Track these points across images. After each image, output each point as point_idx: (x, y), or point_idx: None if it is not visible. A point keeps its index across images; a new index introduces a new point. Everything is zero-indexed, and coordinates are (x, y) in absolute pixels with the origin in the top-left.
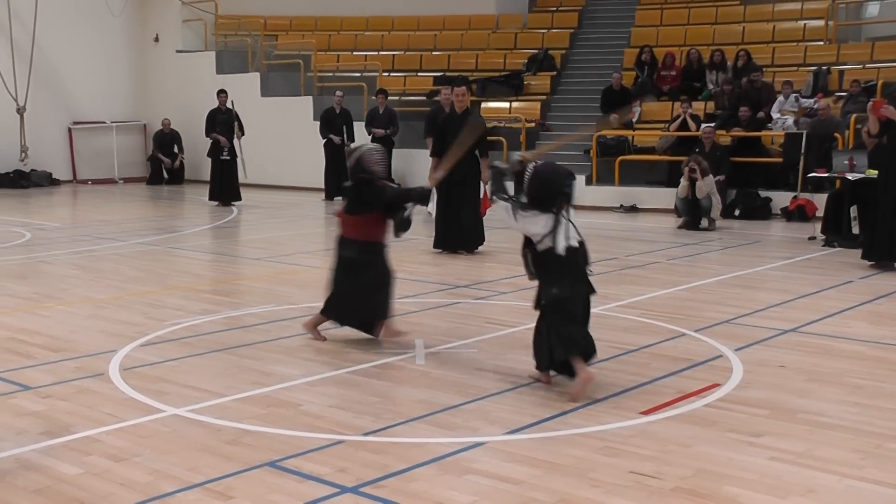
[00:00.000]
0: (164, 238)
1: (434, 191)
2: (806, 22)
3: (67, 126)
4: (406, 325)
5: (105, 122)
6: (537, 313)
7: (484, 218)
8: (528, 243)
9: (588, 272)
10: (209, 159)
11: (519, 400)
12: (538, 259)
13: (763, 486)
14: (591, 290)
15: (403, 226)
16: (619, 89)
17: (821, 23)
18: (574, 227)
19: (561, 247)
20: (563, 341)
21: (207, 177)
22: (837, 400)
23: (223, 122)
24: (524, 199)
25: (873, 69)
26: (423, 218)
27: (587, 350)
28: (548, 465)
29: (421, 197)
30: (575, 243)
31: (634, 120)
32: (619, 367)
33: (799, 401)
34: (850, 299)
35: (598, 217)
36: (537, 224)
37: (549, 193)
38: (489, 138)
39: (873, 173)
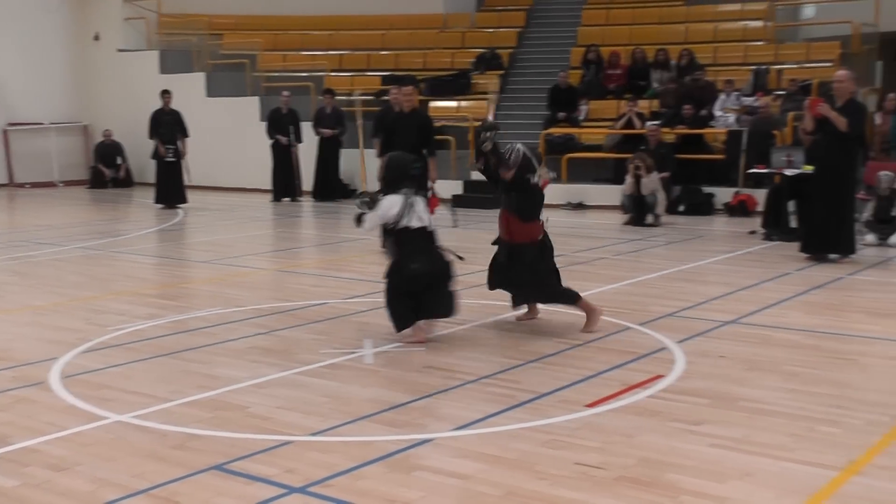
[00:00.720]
0: (108, 242)
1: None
2: (746, 22)
3: (3, 128)
4: (355, 325)
5: (43, 124)
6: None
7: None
8: (386, 230)
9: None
10: (154, 161)
11: (467, 396)
12: (397, 238)
13: (703, 472)
14: (445, 265)
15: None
16: (565, 88)
17: (760, 23)
18: (426, 213)
19: (414, 223)
20: (393, 316)
21: (153, 179)
22: (774, 387)
23: (167, 124)
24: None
25: (809, 69)
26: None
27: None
28: (494, 460)
29: None
30: (425, 224)
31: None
32: (565, 361)
33: (738, 389)
34: (788, 290)
35: (546, 214)
36: (394, 205)
37: (398, 176)
38: (436, 137)
39: (809, 169)
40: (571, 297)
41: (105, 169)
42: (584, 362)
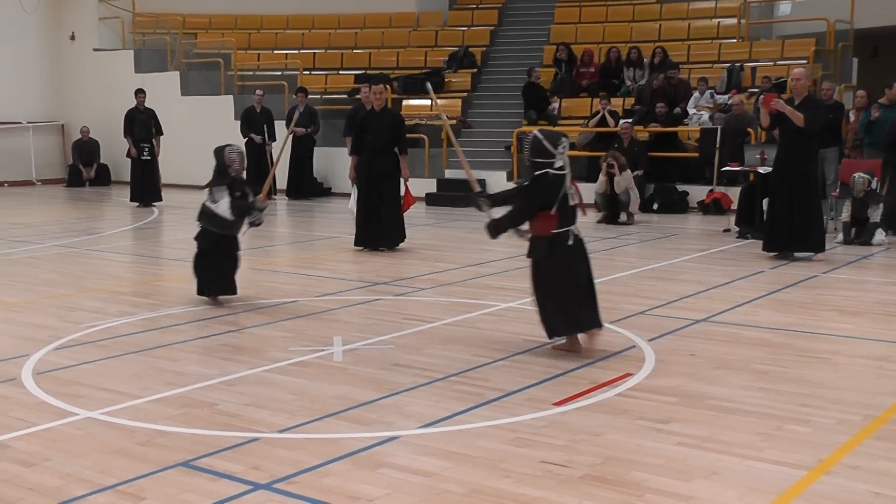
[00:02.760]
0: (83, 240)
1: (354, 188)
2: (720, 20)
3: None
4: (325, 322)
5: (21, 123)
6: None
7: (405, 214)
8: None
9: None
10: (129, 160)
11: (434, 394)
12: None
13: (669, 471)
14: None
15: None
16: (538, 85)
17: (734, 21)
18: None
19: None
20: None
21: (128, 178)
22: (743, 386)
23: (141, 122)
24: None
25: (784, 66)
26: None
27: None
28: (459, 458)
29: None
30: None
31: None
32: (533, 359)
33: (707, 387)
34: (760, 289)
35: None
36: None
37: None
38: (409, 135)
39: None
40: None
41: (83, 168)
42: (552, 360)
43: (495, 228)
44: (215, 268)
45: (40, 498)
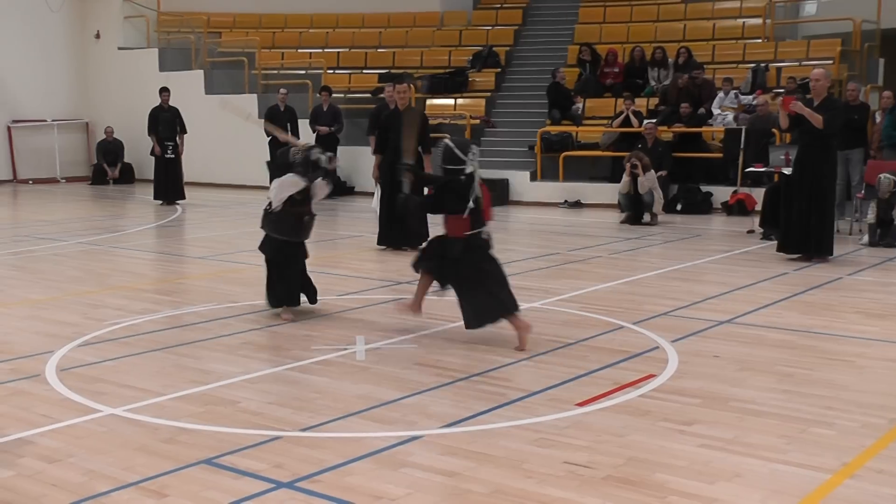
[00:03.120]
0: (107, 238)
1: (378, 188)
2: (745, 20)
3: (6, 124)
4: (348, 321)
5: (46, 121)
6: None
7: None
8: None
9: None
10: (153, 158)
11: (457, 394)
12: None
13: (692, 473)
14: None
15: None
16: (562, 86)
17: (759, 21)
18: None
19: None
20: None
21: (152, 176)
22: (767, 388)
23: (166, 121)
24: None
25: (809, 66)
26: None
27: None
28: (482, 458)
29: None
30: None
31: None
32: (556, 360)
33: (731, 389)
34: (784, 290)
35: (543, 212)
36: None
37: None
38: (432, 134)
39: None
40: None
41: (107, 167)
42: (575, 361)
43: (406, 202)
44: (280, 278)
45: (63, 494)
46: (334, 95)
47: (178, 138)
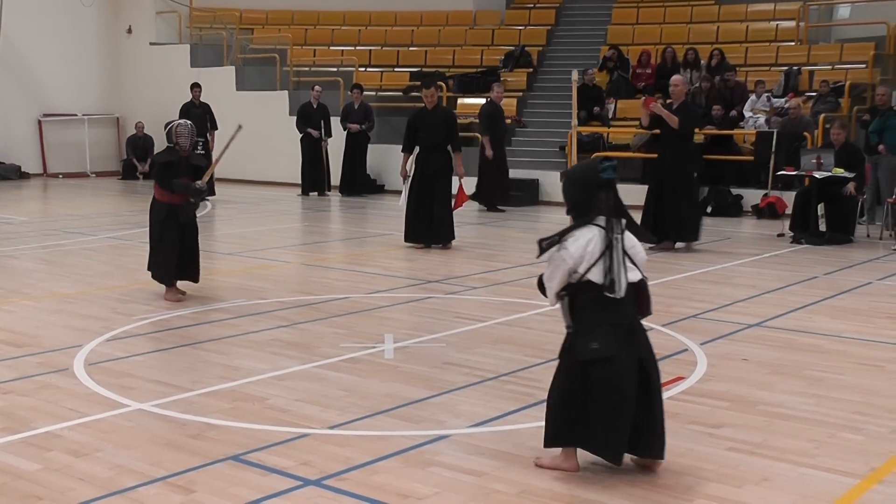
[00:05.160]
0: (136, 233)
1: (406, 185)
2: (778, 23)
3: (37, 118)
4: (376, 320)
5: (76, 115)
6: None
7: (455, 212)
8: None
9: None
10: None
11: (485, 394)
12: (574, 297)
13: (720, 476)
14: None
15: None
16: (592, 86)
17: (792, 24)
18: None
19: (621, 283)
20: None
21: None
22: (796, 392)
23: (196, 117)
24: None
25: (842, 70)
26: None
27: (610, 451)
28: (510, 458)
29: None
30: (634, 277)
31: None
32: None
33: (759, 393)
34: (815, 294)
35: None
36: (577, 244)
37: (585, 194)
38: (462, 134)
39: (840, 172)
40: None
41: (137, 163)
42: None
43: None
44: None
45: (91, 488)
46: (365, 93)
47: (208, 134)
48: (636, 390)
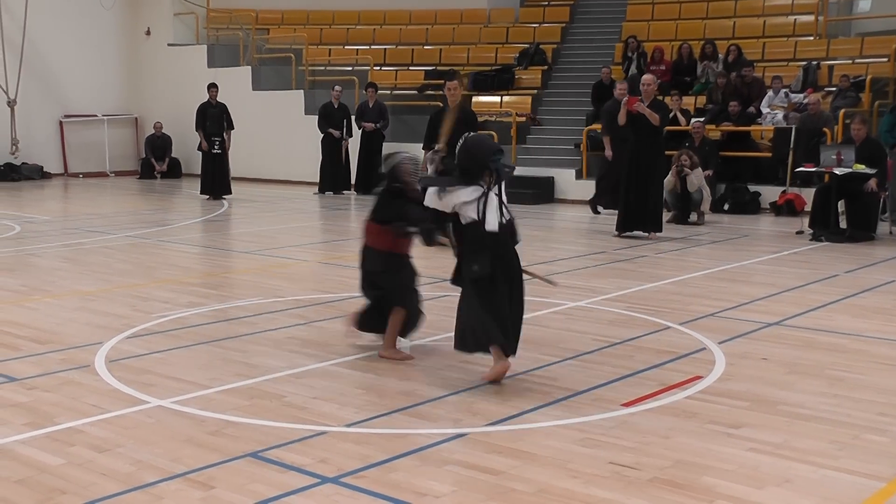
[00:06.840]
0: (154, 231)
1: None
2: (796, 17)
3: (58, 119)
4: None
5: (96, 116)
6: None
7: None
8: (455, 218)
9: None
10: (200, 153)
11: (502, 392)
12: (461, 233)
13: (740, 477)
14: (518, 269)
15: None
16: (608, 83)
17: (811, 18)
18: (504, 204)
19: (491, 223)
20: (475, 332)
21: (199, 171)
22: (817, 392)
23: (213, 116)
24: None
25: (862, 64)
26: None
27: (498, 342)
28: (527, 456)
29: (424, 226)
30: (504, 220)
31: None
32: (602, 359)
33: (779, 393)
34: (835, 293)
35: (588, 210)
36: (461, 196)
37: (475, 165)
38: (479, 131)
39: (861, 168)
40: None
41: (155, 162)
42: (621, 361)
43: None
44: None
45: (112, 483)
46: (380, 92)
47: (225, 134)
48: (507, 297)
